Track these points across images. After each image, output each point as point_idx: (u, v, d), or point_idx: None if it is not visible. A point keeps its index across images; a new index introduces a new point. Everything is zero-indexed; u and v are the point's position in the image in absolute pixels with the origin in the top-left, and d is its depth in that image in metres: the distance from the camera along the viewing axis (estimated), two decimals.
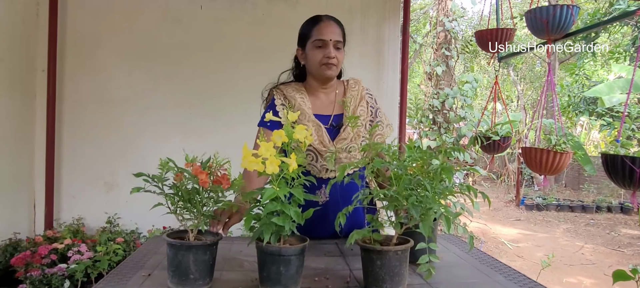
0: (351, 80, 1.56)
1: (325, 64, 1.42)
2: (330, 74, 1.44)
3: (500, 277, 1.14)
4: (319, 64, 1.42)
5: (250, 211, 0.97)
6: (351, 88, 1.53)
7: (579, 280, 4.59)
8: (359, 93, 1.52)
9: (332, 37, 1.41)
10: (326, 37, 1.41)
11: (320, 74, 1.44)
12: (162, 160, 0.97)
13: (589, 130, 11.19)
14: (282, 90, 1.49)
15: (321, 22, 1.45)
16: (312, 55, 1.44)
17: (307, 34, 1.46)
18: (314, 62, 1.43)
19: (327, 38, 1.41)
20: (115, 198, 3.27)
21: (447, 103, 5.57)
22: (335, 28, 1.45)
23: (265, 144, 0.93)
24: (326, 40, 1.41)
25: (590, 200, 9.11)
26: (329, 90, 1.51)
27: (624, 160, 1.32)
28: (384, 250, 0.95)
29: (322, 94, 1.50)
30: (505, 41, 2.25)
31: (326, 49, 1.41)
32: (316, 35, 1.43)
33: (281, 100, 1.46)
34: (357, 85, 1.53)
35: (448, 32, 6.17)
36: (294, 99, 1.44)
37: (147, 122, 3.32)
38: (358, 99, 1.51)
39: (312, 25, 1.46)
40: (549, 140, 1.86)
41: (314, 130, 1.41)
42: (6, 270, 2.54)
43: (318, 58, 1.42)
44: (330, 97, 1.51)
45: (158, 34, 3.33)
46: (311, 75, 1.50)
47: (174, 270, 0.97)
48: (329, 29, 1.43)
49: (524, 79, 14.13)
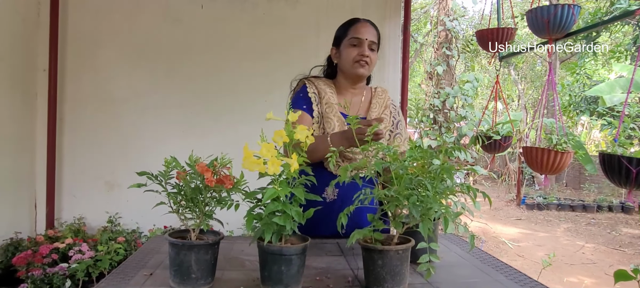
0: (379, 89, 1.60)
1: (358, 61, 1.45)
2: (363, 72, 1.47)
3: (501, 276, 1.14)
4: (353, 61, 1.46)
5: (252, 211, 0.97)
6: (378, 95, 1.57)
7: (580, 280, 4.59)
8: (385, 101, 1.56)
9: (368, 36, 1.46)
10: (362, 36, 1.46)
11: (353, 71, 1.47)
12: (167, 159, 0.98)
13: (590, 130, 11.18)
14: (314, 82, 1.53)
15: (358, 22, 1.50)
16: (347, 53, 1.48)
17: (343, 34, 1.51)
18: (348, 59, 1.47)
19: (364, 37, 1.45)
20: (116, 198, 3.27)
21: (448, 102, 5.56)
22: (371, 29, 1.49)
23: (266, 145, 0.94)
24: (362, 38, 1.45)
25: (591, 200, 9.11)
26: (358, 91, 1.55)
27: (621, 160, 1.33)
28: (385, 250, 0.96)
29: (350, 95, 1.54)
30: (506, 41, 2.25)
31: (361, 47, 1.45)
32: (353, 33, 1.47)
33: (313, 89, 1.51)
34: (384, 94, 1.58)
35: (449, 31, 6.16)
36: (324, 92, 1.49)
37: (148, 122, 3.33)
38: (383, 107, 1.55)
39: (349, 25, 1.51)
40: (550, 139, 1.86)
41: (337, 126, 1.45)
42: (7, 270, 2.55)
43: (352, 55, 1.46)
44: (356, 100, 1.54)
45: (158, 34, 3.34)
46: (342, 74, 1.53)
47: (175, 270, 0.97)
48: (365, 29, 1.47)
49: (524, 78, 14.12)
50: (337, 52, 1.53)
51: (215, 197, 1.00)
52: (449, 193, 0.97)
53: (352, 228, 1.05)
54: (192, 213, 1.02)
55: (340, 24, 1.56)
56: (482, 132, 2.47)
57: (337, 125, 1.45)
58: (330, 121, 1.46)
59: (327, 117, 1.46)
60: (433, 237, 1.04)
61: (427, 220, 0.92)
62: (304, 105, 1.48)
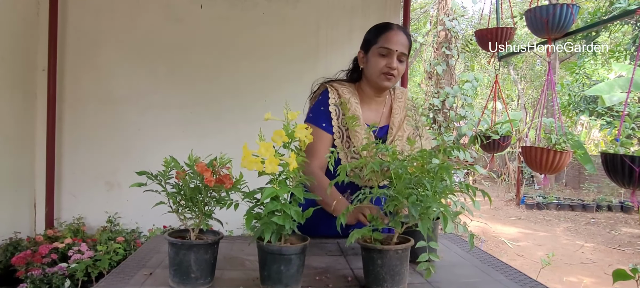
0: (398, 91, 1.54)
1: (385, 73, 1.38)
2: (388, 85, 1.41)
3: (501, 276, 1.14)
4: (379, 73, 1.39)
5: (251, 210, 0.97)
6: (398, 99, 1.51)
7: (579, 279, 4.59)
8: (404, 104, 1.51)
9: (398, 48, 1.37)
10: (393, 47, 1.37)
11: (378, 83, 1.41)
12: (167, 158, 0.97)
13: (590, 130, 11.19)
14: (337, 89, 1.45)
15: (390, 30, 1.40)
16: (374, 62, 1.40)
17: (373, 40, 1.42)
18: (375, 69, 1.40)
19: (394, 48, 1.37)
20: (116, 198, 3.27)
21: (448, 102, 5.57)
22: (403, 39, 1.40)
23: (265, 144, 0.94)
24: (392, 49, 1.37)
25: (591, 199, 9.11)
26: (381, 99, 1.49)
27: (624, 159, 1.33)
28: (384, 249, 0.96)
29: (374, 102, 1.48)
30: (505, 40, 2.25)
31: (390, 59, 1.38)
32: (383, 42, 1.38)
33: (335, 100, 1.43)
34: (403, 96, 1.53)
35: (448, 31, 6.17)
36: (349, 102, 1.41)
37: (148, 122, 3.32)
38: (404, 111, 1.50)
39: (381, 32, 1.41)
40: (549, 139, 1.86)
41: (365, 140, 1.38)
42: (7, 270, 2.54)
43: (379, 66, 1.38)
44: (379, 107, 1.49)
45: (159, 33, 3.34)
46: (367, 81, 1.46)
47: (175, 269, 0.97)
48: (396, 39, 1.38)
49: (524, 78, 14.13)
50: (365, 57, 1.45)
51: (215, 197, 1.00)
52: (449, 192, 0.97)
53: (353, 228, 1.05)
54: (191, 213, 1.02)
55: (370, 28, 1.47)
56: (481, 131, 2.47)
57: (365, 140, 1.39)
58: (357, 136, 1.40)
59: (353, 130, 1.40)
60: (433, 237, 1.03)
61: (426, 220, 0.93)
62: (324, 122, 1.40)
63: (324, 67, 3.29)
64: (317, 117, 1.42)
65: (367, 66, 1.44)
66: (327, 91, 1.45)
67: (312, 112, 1.45)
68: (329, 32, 3.46)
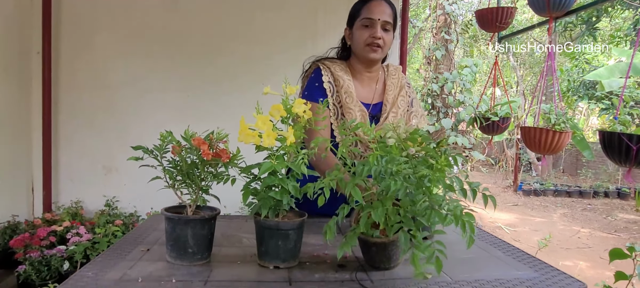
0: (391, 67, 1.51)
1: (370, 44, 1.36)
2: (375, 56, 1.37)
3: (499, 252, 1.14)
4: (364, 44, 1.37)
5: (248, 185, 0.97)
6: (391, 75, 1.48)
7: (575, 263, 4.63)
8: (399, 81, 1.48)
9: (380, 16, 1.34)
10: (375, 16, 1.34)
11: (364, 55, 1.38)
12: (163, 133, 0.96)
13: (588, 116, 11.19)
14: (329, 67, 1.43)
15: (372, 0, 1.38)
16: (358, 35, 1.38)
17: (357, 13, 1.40)
18: (360, 41, 1.38)
19: (376, 17, 1.34)
20: (113, 182, 3.26)
21: (446, 87, 5.55)
22: (385, 8, 1.37)
23: (262, 117, 0.92)
24: (374, 19, 1.35)
25: (588, 186, 9.16)
26: (372, 75, 1.46)
27: (621, 137, 1.32)
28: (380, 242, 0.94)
29: (366, 78, 1.45)
30: (506, 19, 2.22)
31: (373, 29, 1.35)
32: (365, 13, 1.36)
33: (328, 77, 1.42)
34: (397, 73, 1.49)
35: (448, 15, 6.11)
36: (342, 79, 1.40)
37: (145, 106, 3.30)
38: (398, 88, 1.47)
39: (363, 4, 1.39)
40: (549, 119, 1.85)
41: (359, 117, 1.38)
42: (5, 252, 2.55)
43: (364, 38, 1.36)
44: (372, 83, 1.47)
45: (155, 16, 3.29)
46: (355, 57, 1.44)
47: (172, 244, 0.97)
48: (378, 8, 1.36)
49: (523, 64, 14.07)
50: (350, 33, 1.44)
51: (212, 172, 0.99)
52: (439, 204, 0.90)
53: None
54: (188, 188, 1.01)
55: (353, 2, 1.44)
56: (480, 113, 2.46)
57: (359, 115, 1.38)
58: (351, 111, 1.38)
59: (346, 107, 1.38)
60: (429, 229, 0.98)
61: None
62: (320, 97, 1.38)
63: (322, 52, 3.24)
64: (313, 93, 1.41)
65: (353, 41, 1.42)
66: (319, 69, 1.44)
67: (307, 90, 1.43)
68: (328, 16, 3.41)
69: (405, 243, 0.84)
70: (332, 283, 0.89)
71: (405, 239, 0.85)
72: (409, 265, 1.01)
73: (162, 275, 0.89)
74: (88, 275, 0.88)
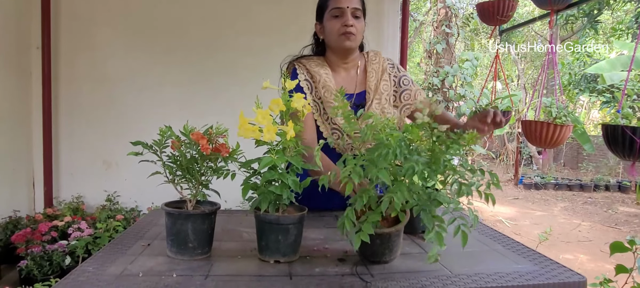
0: (371, 53, 1.48)
1: (343, 33, 1.34)
2: (350, 44, 1.36)
3: (499, 246, 1.14)
4: (337, 35, 1.35)
5: (248, 180, 0.97)
6: (372, 61, 1.45)
7: (575, 256, 4.64)
8: (381, 65, 1.44)
9: (349, 4, 1.34)
10: (343, 4, 1.34)
11: (339, 45, 1.37)
12: (162, 128, 0.96)
13: (589, 110, 11.16)
14: (305, 65, 1.42)
15: None
16: (330, 26, 1.37)
17: (324, 5, 1.39)
18: (332, 33, 1.36)
19: (344, 5, 1.33)
20: (114, 177, 3.27)
21: (447, 81, 5.53)
22: None
23: (262, 112, 0.92)
24: (343, 7, 1.34)
25: (589, 179, 9.16)
26: (350, 65, 1.44)
27: (625, 130, 1.31)
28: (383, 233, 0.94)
29: (343, 71, 1.44)
30: (507, 12, 2.21)
31: (343, 18, 1.34)
32: (333, 4, 1.35)
33: (305, 75, 1.40)
34: (377, 57, 1.46)
35: (449, 8, 6.08)
36: (318, 74, 1.39)
37: (145, 101, 3.30)
38: (380, 72, 1.43)
39: None
40: (550, 112, 1.85)
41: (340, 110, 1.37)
42: (7, 247, 2.56)
43: (335, 28, 1.35)
44: (352, 73, 1.45)
45: (154, 11, 3.28)
46: (331, 49, 1.43)
47: (172, 239, 0.97)
48: None
49: (524, 58, 14.02)
50: (321, 26, 1.42)
51: (211, 167, 0.99)
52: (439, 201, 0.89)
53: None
54: (188, 183, 1.01)
55: None
56: (481, 106, 2.45)
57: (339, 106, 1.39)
58: (331, 105, 1.37)
59: (327, 101, 1.37)
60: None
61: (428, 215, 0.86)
62: None
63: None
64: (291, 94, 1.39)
65: (325, 34, 1.41)
66: (295, 68, 1.42)
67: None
68: None
69: (429, 222, 0.83)
70: (332, 277, 0.89)
71: (428, 219, 0.84)
72: (407, 259, 1.02)
73: (163, 270, 0.90)
74: (89, 270, 0.88)
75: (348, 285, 0.85)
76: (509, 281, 0.89)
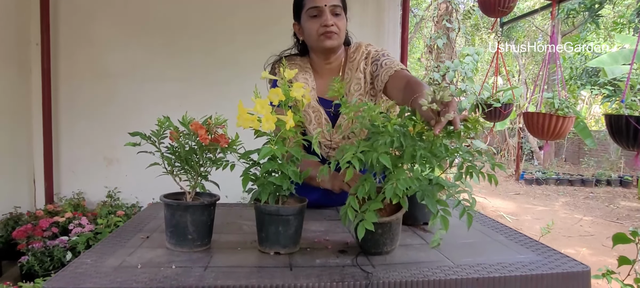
0: (351, 48, 1.36)
1: (323, 33, 1.24)
2: (331, 43, 1.26)
3: (501, 237, 1.13)
4: (317, 35, 1.25)
5: (247, 171, 0.96)
6: (350, 59, 1.33)
7: (577, 251, 4.63)
8: (357, 61, 1.32)
9: (327, 2, 1.23)
10: (320, 2, 1.24)
11: (320, 45, 1.27)
12: (160, 118, 0.95)
13: (590, 105, 11.12)
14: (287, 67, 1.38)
15: None
16: (308, 27, 1.27)
17: (300, 4, 1.29)
18: (312, 33, 1.26)
19: (321, 4, 1.23)
20: (115, 173, 3.26)
21: (448, 76, 5.51)
22: None
23: (260, 101, 0.91)
24: (320, 6, 1.24)
25: (590, 174, 9.15)
26: (335, 64, 1.34)
27: (629, 120, 1.30)
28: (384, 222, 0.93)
29: (327, 71, 1.34)
30: (508, 4, 2.19)
31: (322, 17, 1.24)
32: (309, 3, 1.25)
33: None
34: (356, 53, 1.33)
35: (449, 3, 6.05)
36: (295, 79, 1.30)
37: (145, 96, 3.28)
38: (354, 71, 1.31)
39: None
40: (552, 104, 1.83)
41: (314, 118, 1.30)
42: (8, 243, 2.56)
43: (314, 29, 1.25)
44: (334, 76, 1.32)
45: (154, 6, 3.26)
46: (312, 50, 1.34)
47: (171, 231, 0.96)
48: None
49: (525, 53, 13.96)
50: (300, 27, 1.32)
51: (210, 158, 0.98)
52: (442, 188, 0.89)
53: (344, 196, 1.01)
54: (187, 175, 1.00)
55: None
56: (482, 99, 2.44)
57: (313, 116, 1.30)
58: (305, 114, 1.30)
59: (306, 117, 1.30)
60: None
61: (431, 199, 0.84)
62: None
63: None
64: None
65: (305, 35, 1.31)
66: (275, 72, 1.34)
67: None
68: None
69: (433, 207, 0.82)
70: (333, 268, 0.88)
71: (431, 203, 0.83)
72: (408, 250, 1.01)
73: (162, 262, 0.89)
74: (87, 262, 0.88)
75: (349, 276, 0.84)
76: (512, 271, 0.88)
